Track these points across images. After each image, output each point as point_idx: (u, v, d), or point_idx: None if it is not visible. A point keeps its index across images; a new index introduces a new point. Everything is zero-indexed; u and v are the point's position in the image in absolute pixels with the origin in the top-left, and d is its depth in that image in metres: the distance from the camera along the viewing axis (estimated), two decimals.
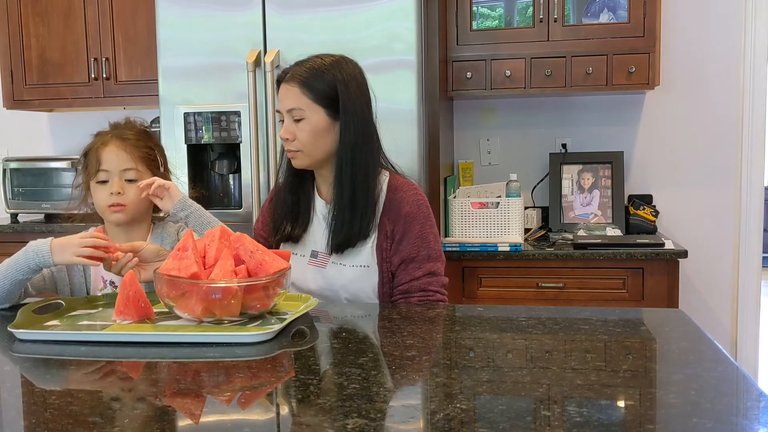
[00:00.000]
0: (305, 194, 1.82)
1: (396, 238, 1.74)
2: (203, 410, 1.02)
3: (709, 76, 3.22)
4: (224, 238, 1.44)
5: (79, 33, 3.45)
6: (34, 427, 0.95)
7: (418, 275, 1.73)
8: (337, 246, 1.73)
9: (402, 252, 1.73)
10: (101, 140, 1.76)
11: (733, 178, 3.24)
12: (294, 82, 1.70)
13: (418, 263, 1.73)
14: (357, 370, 1.14)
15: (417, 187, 1.81)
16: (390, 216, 1.75)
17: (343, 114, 1.70)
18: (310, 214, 1.81)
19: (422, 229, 1.74)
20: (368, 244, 1.75)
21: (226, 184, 2.97)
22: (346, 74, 1.71)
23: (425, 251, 1.74)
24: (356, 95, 1.71)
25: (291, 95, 1.70)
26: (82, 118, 3.80)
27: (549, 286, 2.82)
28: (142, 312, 1.43)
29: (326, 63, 1.71)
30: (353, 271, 1.74)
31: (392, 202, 1.75)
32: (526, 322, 1.44)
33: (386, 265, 1.74)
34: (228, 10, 2.72)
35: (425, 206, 1.78)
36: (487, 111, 3.42)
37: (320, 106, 1.69)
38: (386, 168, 1.82)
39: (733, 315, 3.27)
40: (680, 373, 1.10)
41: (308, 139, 1.70)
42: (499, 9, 3.28)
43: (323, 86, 1.69)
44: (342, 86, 1.69)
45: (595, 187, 3.22)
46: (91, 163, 1.75)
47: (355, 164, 1.71)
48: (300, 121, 1.70)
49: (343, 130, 1.70)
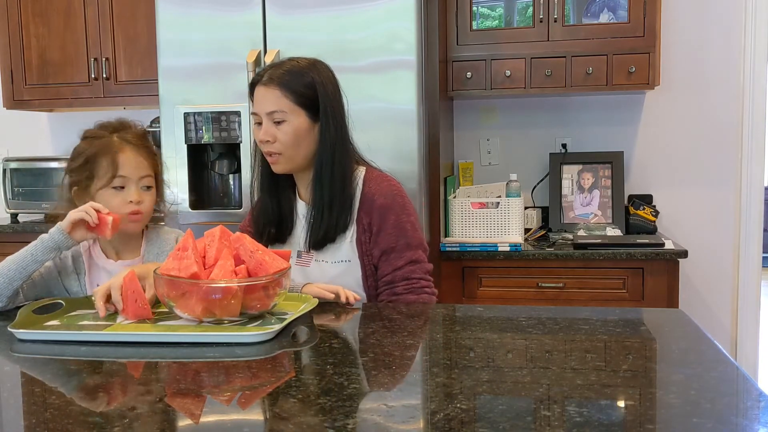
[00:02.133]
0: (286, 199, 1.83)
1: (374, 230, 1.75)
2: (203, 410, 1.02)
3: (709, 76, 3.22)
4: (224, 238, 1.44)
5: (79, 33, 3.45)
6: (34, 427, 0.95)
7: (400, 264, 1.73)
8: (314, 243, 1.75)
9: (381, 243, 1.74)
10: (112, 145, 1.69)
11: (733, 178, 3.24)
12: (274, 85, 1.69)
13: (398, 253, 1.74)
14: (357, 370, 1.14)
15: (391, 179, 1.82)
16: (365, 209, 1.76)
17: (323, 115, 1.71)
18: (294, 217, 1.82)
19: (398, 218, 1.75)
20: (347, 238, 1.75)
21: (226, 184, 2.97)
22: (324, 76, 1.73)
23: (404, 240, 1.74)
24: (333, 97, 1.73)
25: (271, 97, 1.69)
26: (82, 118, 3.78)
27: (549, 286, 2.81)
28: (139, 312, 1.43)
29: (303, 65, 1.72)
30: (335, 267, 1.75)
31: (367, 196, 1.76)
32: (526, 322, 1.44)
33: (367, 258, 1.75)
34: (228, 10, 2.72)
35: (399, 196, 1.78)
36: (487, 111, 3.42)
37: (301, 108, 1.70)
38: (361, 163, 1.83)
39: (733, 315, 3.27)
40: (680, 373, 1.10)
41: (290, 142, 1.70)
42: (499, 9, 3.28)
43: (303, 88, 1.69)
44: (321, 88, 1.71)
45: (595, 187, 3.22)
46: (102, 168, 1.68)
47: (335, 164, 1.72)
48: (281, 123, 1.70)
49: (324, 131, 1.72)
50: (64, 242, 1.61)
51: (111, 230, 1.60)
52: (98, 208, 1.60)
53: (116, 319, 1.45)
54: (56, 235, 1.60)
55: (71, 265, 1.74)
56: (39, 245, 1.60)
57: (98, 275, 1.73)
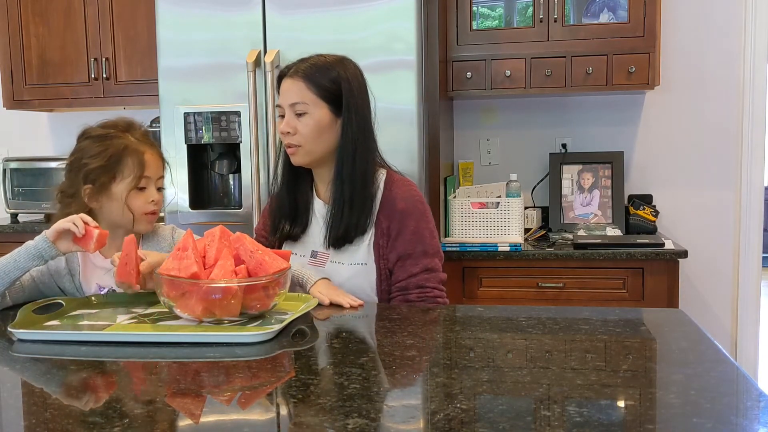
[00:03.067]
0: (303, 194, 1.82)
1: (392, 235, 1.74)
2: (203, 410, 1.02)
3: (709, 76, 3.22)
4: (224, 238, 1.44)
5: (79, 33, 3.45)
6: (34, 427, 0.95)
7: (415, 272, 1.73)
8: (335, 241, 1.74)
9: (398, 248, 1.74)
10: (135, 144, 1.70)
11: (733, 178, 3.24)
12: (298, 77, 1.71)
13: (414, 259, 1.73)
14: (357, 370, 1.14)
15: (412, 184, 1.82)
16: (386, 213, 1.75)
17: (345, 111, 1.71)
18: (309, 215, 1.82)
19: (418, 225, 1.75)
20: (365, 241, 1.75)
21: (226, 184, 2.97)
22: (350, 73, 1.73)
23: (421, 247, 1.74)
24: (358, 94, 1.73)
25: (295, 89, 1.71)
26: (82, 118, 3.74)
27: (549, 286, 2.82)
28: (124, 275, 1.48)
29: (330, 61, 1.73)
30: (351, 269, 1.75)
31: (388, 199, 1.76)
32: (526, 322, 1.44)
33: (383, 262, 1.75)
34: (228, 10, 2.72)
35: (420, 202, 1.78)
36: (487, 111, 3.42)
37: (324, 101, 1.70)
38: (383, 166, 1.83)
39: (733, 315, 3.27)
40: (680, 373, 1.10)
41: (310, 134, 1.70)
42: (499, 9, 3.28)
43: (328, 82, 1.70)
44: (346, 84, 1.71)
45: (595, 187, 3.22)
46: (128, 167, 1.68)
47: (356, 162, 1.72)
48: (302, 116, 1.70)
49: (346, 127, 1.71)
50: (48, 252, 1.57)
51: (96, 245, 1.55)
52: (86, 221, 1.56)
53: (116, 319, 1.45)
54: (41, 244, 1.57)
55: (65, 266, 1.72)
56: (23, 252, 1.57)
57: (93, 273, 1.73)
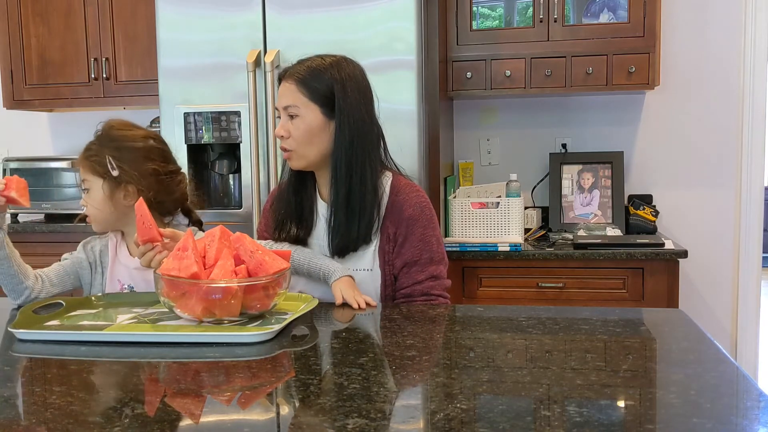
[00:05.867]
0: (307, 195, 1.81)
1: (398, 241, 1.73)
2: (203, 410, 1.02)
3: (709, 76, 3.22)
4: (224, 238, 1.44)
5: (79, 33, 3.45)
6: (34, 427, 0.95)
7: (420, 279, 1.72)
8: (338, 249, 1.73)
9: (404, 255, 1.73)
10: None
11: (733, 178, 3.24)
12: (292, 80, 1.70)
13: (420, 266, 1.73)
14: (357, 370, 1.14)
15: (420, 189, 1.80)
16: (392, 219, 1.74)
17: (338, 114, 1.68)
18: (314, 217, 1.80)
19: (424, 231, 1.74)
20: (371, 247, 1.74)
21: (226, 184, 2.97)
22: (345, 74, 1.70)
23: (428, 254, 1.73)
24: (353, 96, 1.70)
25: (288, 92, 1.70)
26: (82, 118, 3.80)
27: (549, 286, 2.82)
28: (145, 233, 1.52)
29: (326, 62, 1.71)
30: (356, 274, 1.73)
31: (395, 205, 1.74)
32: (526, 322, 1.44)
33: (389, 268, 1.74)
34: (228, 10, 2.72)
35: (428, 209, 1.77)
36: (487, 111, 3.42)
37: (316, 104, 1.68)
38: (389, 169, 1.81)
39: (733, 315, 3.27)
40: (680, 373, 1.10)
41: (301, 137, 1.69)
42: (499, 9, 3.28)
43: (320, 85, 1.68)
44: (338, 86, 1.68)
45: (595, 187, 3.22)
46: None
47: (351, 165, 1.69)
48: (295, 118, 1.69)
49: (338, 130, 1.69)
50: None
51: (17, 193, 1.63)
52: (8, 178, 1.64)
53: (116, 319, 1.45)
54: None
55: (99, 259, 1.80)
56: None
57: (118, 271, 1.78)
